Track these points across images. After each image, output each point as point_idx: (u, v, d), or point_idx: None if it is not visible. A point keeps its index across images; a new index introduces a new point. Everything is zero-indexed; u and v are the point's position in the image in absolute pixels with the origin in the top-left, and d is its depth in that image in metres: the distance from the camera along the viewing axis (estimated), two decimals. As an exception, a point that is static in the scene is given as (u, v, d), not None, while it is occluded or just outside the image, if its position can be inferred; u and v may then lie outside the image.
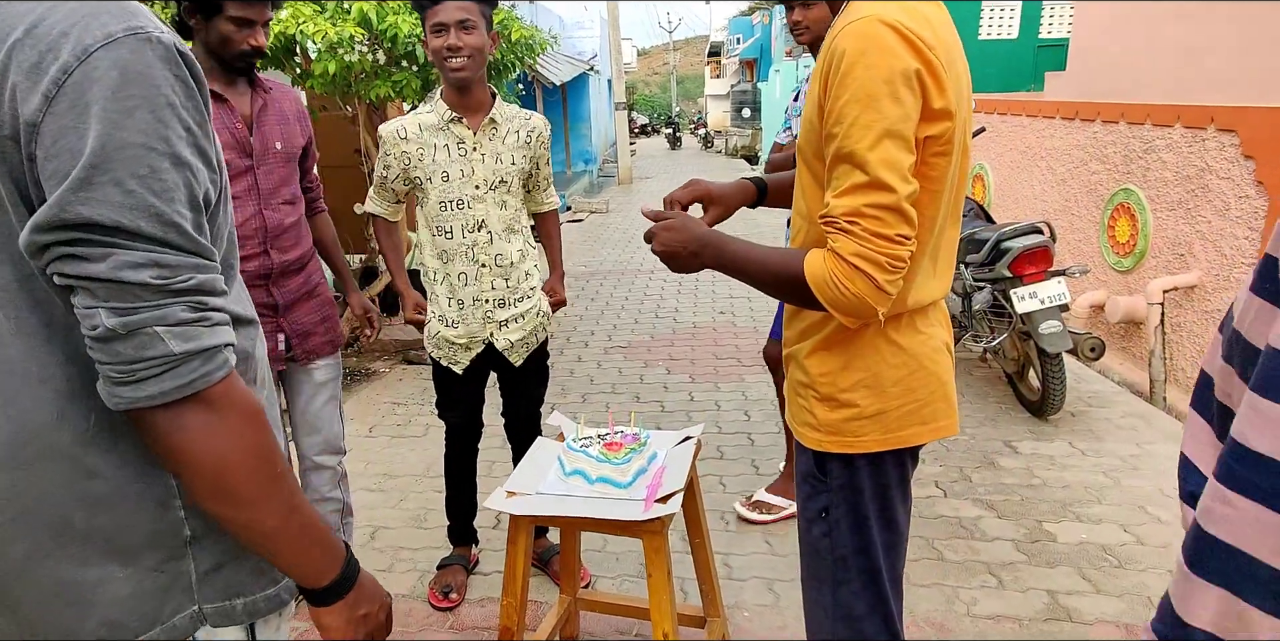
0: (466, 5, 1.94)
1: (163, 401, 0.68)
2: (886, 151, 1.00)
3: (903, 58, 1.00)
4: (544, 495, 1.60)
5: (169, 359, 0.67)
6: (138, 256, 0.65)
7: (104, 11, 0.66)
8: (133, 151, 0.65)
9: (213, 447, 0.70)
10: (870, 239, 1.00)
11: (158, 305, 0.66)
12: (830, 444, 1.21)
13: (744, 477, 3.07)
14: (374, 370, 4.61)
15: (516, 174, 2.13)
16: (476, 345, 2.20)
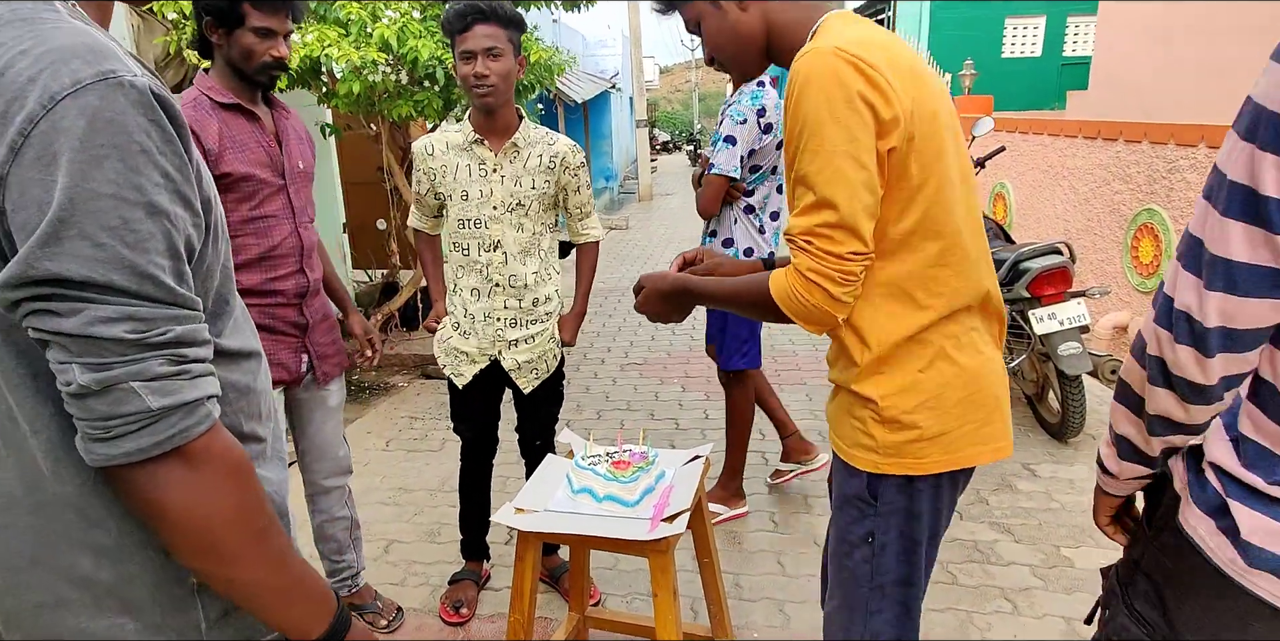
0: (495, 32, 1.96)
1: (139, 458, 0.66)
2: (834, 172, 1.07)
3: (845, 81, 1.07)
4: (552, 512, 1.61)
5: (146, 415, 0.65)
6: (110, 311, 0.64)
7: (74, 56, 0.64)
8: (102, 203, 0.63)
9: (192, 504, 0.68)
10: (823, 256, 1.09)
11: (133, 360, 0.65)
12: (889, 466, 1.20)
13: (758, 497, 3.05)
14: (392, 384, 4.66)
15: (536, 198, 2.13)
16: (482, 360, 2.22)
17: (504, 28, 1.98)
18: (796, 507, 2.97)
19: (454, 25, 1.97)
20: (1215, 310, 0.80)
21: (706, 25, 1.29)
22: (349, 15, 3.45)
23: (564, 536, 1.57)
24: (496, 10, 1.96)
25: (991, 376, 1.24)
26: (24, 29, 0.65)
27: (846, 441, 1.25)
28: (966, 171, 1.22)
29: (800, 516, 2.90)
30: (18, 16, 0.66)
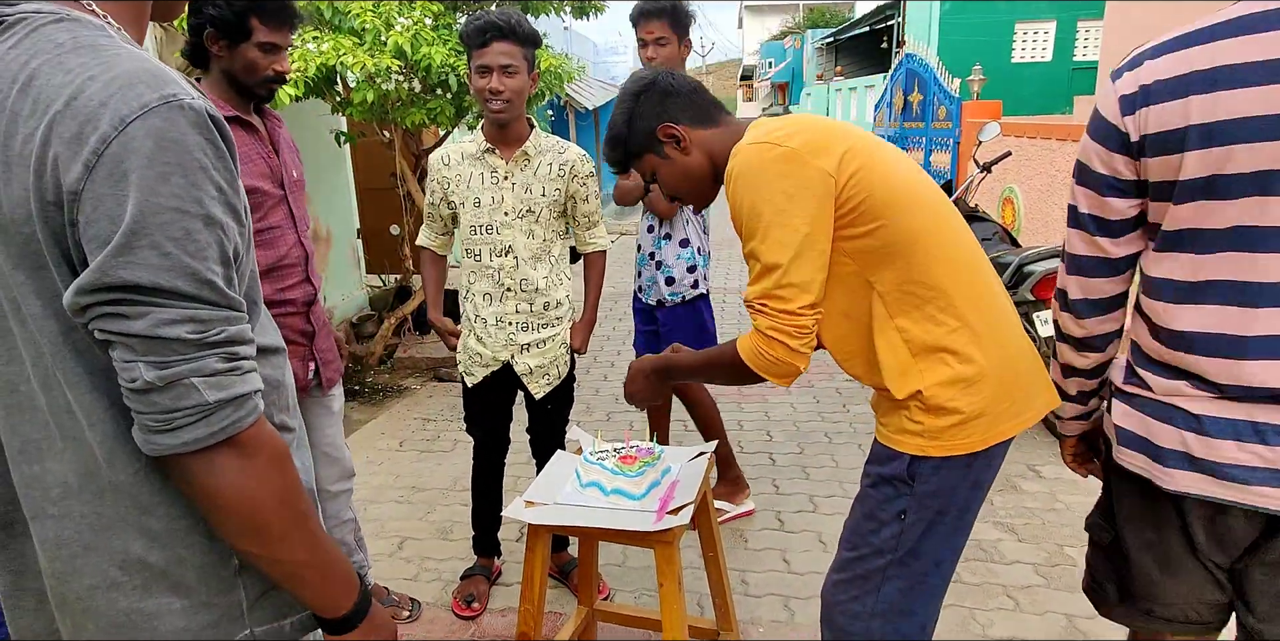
0: (511, 50, 2.02)
1: (197, 448, 0.72)
2: (774, 241, 1.23)
3: (766, 163, 1.24)
4: (561, 505, 1.67)
5: (204, 408, 0.71)
6: (174, 313, 0.70)
7: (139, 81, 0.70)
8: (168, 216, 0.69)
9: (244, 488, 0.75)
10: (777, 314, 1.25)
11: (193, 358, 0.71)
12: (933, 448, 1.29)
13: (765, 497, 3.10)
14: (405, 387, 4.73)
15: (547, 205, 2.19)
16: (494, 363, 2.27)
17: (521, 45, 2.03)
18: (802, 506, 3.01)
19: (473, 40, 2.03)
20: (1075, 286, 1.27)
21: (661, 174, 1.45)
22: (363, 24, 3.53)
23: (572, 528, 1.62)
24: (515, 29, 2.01)
25: (1021, 361, 1.32)
26: (90, 56, 0.71)
27: (891, 427, 1.34)
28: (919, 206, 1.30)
29: (806, 515, 2.94)
30: (80, 44, 0.72)
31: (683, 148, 1.40)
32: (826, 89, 15.34)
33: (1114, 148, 1.15)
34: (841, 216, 1.25)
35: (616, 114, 1.45)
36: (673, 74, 1.44)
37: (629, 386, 1.62)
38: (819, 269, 1.24)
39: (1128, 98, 1.12)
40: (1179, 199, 1.11)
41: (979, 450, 1.30)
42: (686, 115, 1.40)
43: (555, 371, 2.32)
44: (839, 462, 3.40)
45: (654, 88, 1.41)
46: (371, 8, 3.57)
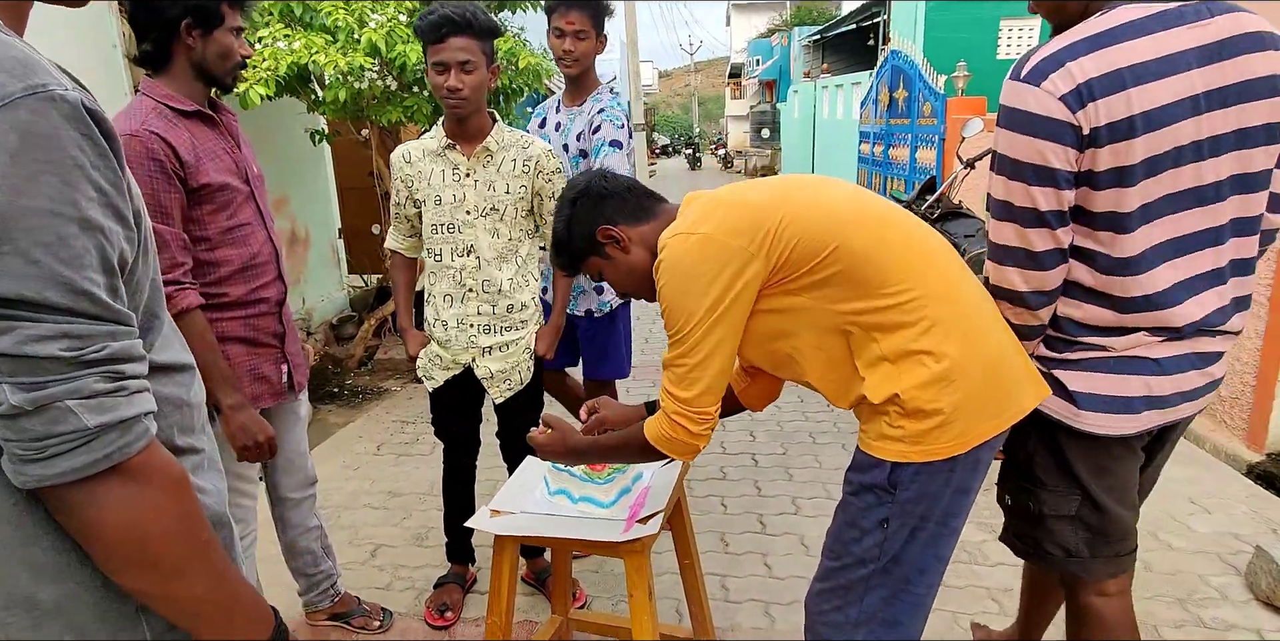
0: (469, 45, 1.95)
1: (76, 478, 0.65)
2: (689, 343, 1.30)
3: (685, 250, 1.28)
4: (528, 514, 1.61)
5: (83, 433, 0.64)
6: (45, 328, 0.62)
7: (1, 70, 0.62)
8: (37, 219, 0.61)
9: (132, 521, 0.67)
10: (682, 403, 1.34)
11: (70, 378, 0.64)
12: (915, 453, 1.27)
13: (747, 499, 3.05)
14: (385, 389, 4.66)
15: (511, 202, 2.12)
16: (455, 367, 2.21)
17: (478, 39, 1.97)
18: (784, 508, 2.97)
19: (429, 35, 1.96)
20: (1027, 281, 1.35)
21: (606, 274, 1.50)
22: (335, 22, 3.46)
23: (538, 538, 1.57)
24: (471, 22, 1.94)
25: (1000, 353, 1.30)
26: None
27: (871, 434, 1.31)
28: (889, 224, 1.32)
29: (788, 518, 2.90)
30: None
31: (623, 247, 1.45)
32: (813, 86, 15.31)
33: (1069, 143, 1.24)
34: (783, 268, 1.27)
35: (557, 221, 1.50)
36: (605, 175, 1.49)
37: (543, 457, 1.64)
38: (724, 371, 1.33)
39: (1071, 95, 1.22)
40: (1131, 181, 1.25)
41: (960, 454, 1.27)
42: (622, 215, 1.45)
43: (518, 377, 2.24)
44: (823, 463, 3.35)
45: (588, 192, 1.46)
46: (343, 5, 3.49)
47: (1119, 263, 1.30)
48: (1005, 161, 1.30)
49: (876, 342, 1.27)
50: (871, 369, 1.28)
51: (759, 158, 22.23)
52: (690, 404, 1.33)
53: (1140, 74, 1.21)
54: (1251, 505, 2.91)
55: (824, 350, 1.32)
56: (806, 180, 1.40)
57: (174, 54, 1.69)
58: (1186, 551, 2.61)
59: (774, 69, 22.61)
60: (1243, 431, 3.59)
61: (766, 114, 22.67)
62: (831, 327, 1.29)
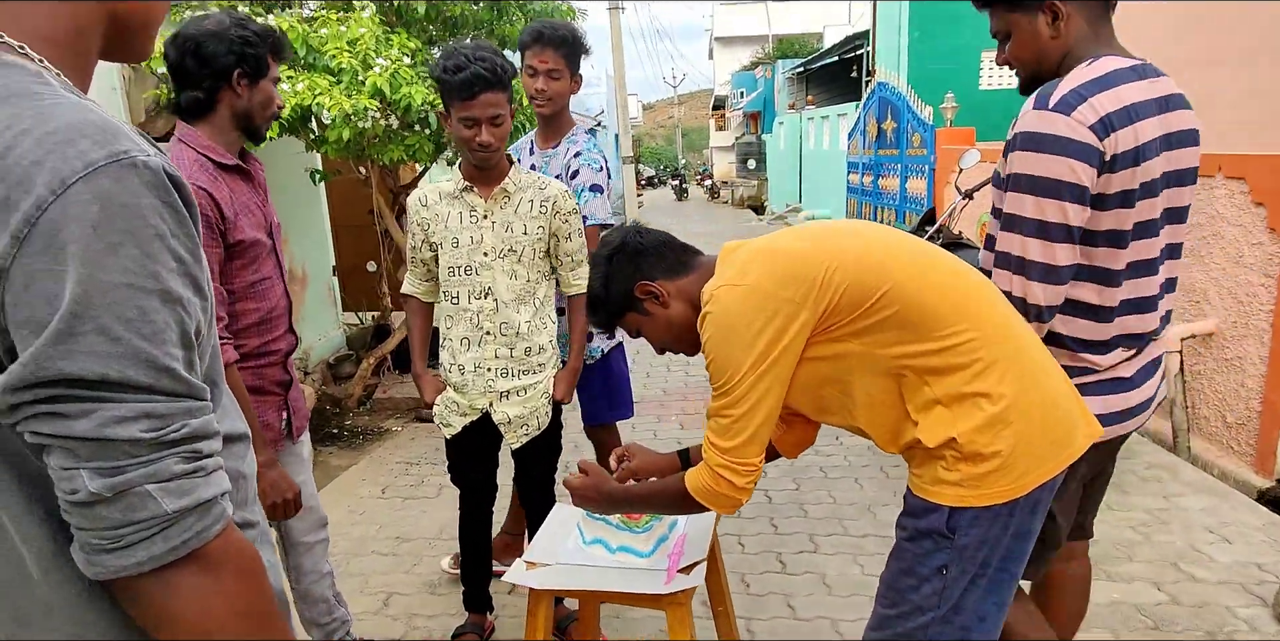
0: (499, 100, 1.93)
1: (153, 567, 0.61)
2: (735, 395, 1.29)
3: (732, 302, 1.28)
4: (564, 565, 1.57)
5: (161, 519, 0.61)
6: (126, 409, 0.59)
7: (82, 136, 0.59)
8: (119, 293, 0.59)
9: (207, 610, 0.64)
10: (726, 454, 1.32)
11: (148, 460, 0.60)
12: (973, 498, 1.24)
13: (764, 537, 3.00)
14: (386, 429, 4.60)
15: (530, 244, 2.11)
16: (473, 412, 2.17)
17: (505, 91, 1.95)
18: (803, 546, 2.92)
19: (460, 92, 1.91)
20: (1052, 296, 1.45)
21: (645, 329, 1.50)
22: (340, 65, 3.47)
23: (580, 592, 1.52)
24: (502, 77, 1.92)
25: (1055, 389, 1.30)
26: (22, 106, 0.60)
27: (925, 478, 1.29)
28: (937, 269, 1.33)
29: (808, 556, 2.85)
30: (11, 92, 0.61)
31: (662, 302, 1.44)
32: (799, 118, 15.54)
33: (1095, 164, 1.39)
34: (832, 315, 1.26)
35: (593, 278, 1.49)
36: (640, 231, 1.49)
37: (577, 503, 1.61)
38: (769, 422, 1.32)
39: (1098, 124, 1.38)
40: (1132, 203, 1.44)
41: (1020, 497, 1.25)
42: (660, 270, 1.45)
43: (535, 422, 2.20)
44: (836, 498, 3.32)
45: (625, 248, 1.46)
46: (347, 47, 3.51)
47: (1109, 275, 1.48)
48: (1036, 181, 1.42)
49: (929, 386, 1.25)
50: (924, 412, 1.26)
51: (745, 188, 22.45)
52: (735, 454, 1.31)
53: (1140, 112, 1.42)
54: (1269, 534, 2.90)
55: (874, 395, 1.30)
56: (848, 226, 1.39)
57: (219, 102, 1.70)
58: (1211, 582, 2.58)
59: (758, 101, 22.95)
60: (1251, 457, 3.59)
61: (752, 145, 22.96)
62: (882, 372, 1.28)
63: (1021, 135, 1.44)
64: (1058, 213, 1.40)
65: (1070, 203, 1.40)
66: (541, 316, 2.18)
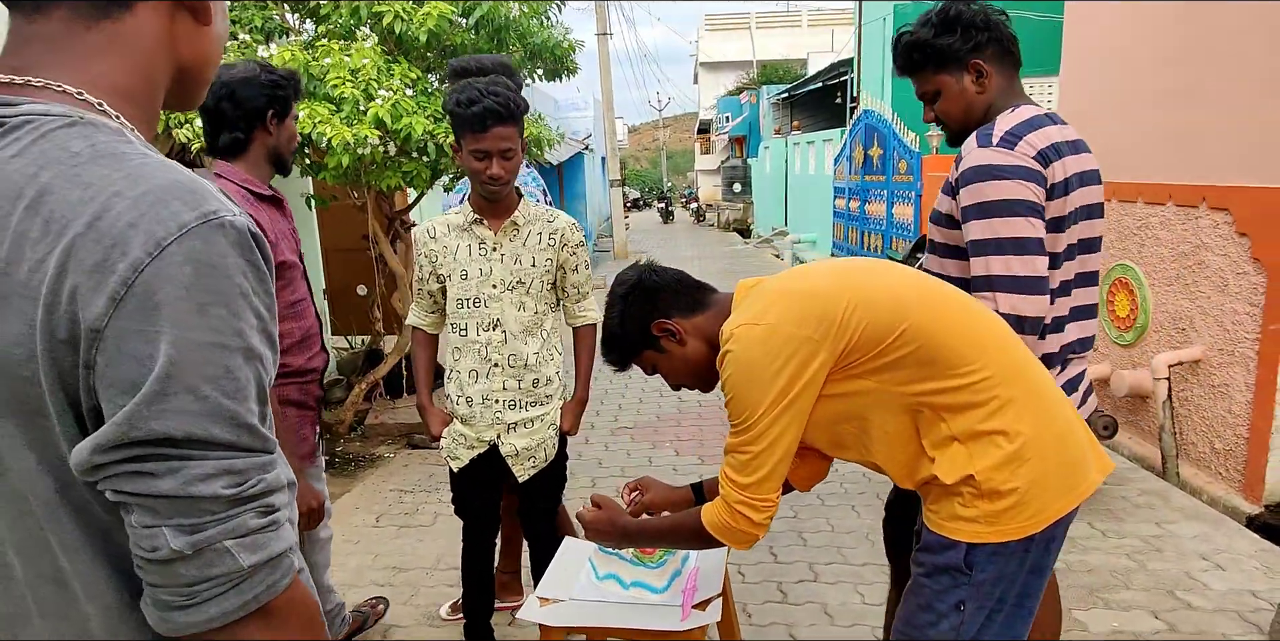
0: (510, 133, 1.95)
1: (223, 623, 0.62)
2: (754, 432, 1.29)
3: (752, 342, 1.28)
4: (577, 601, 1.57)
5: (236, 575, 0.61)
6: (210, 466, 0.60)
7: (174, 197, 0.61)
8: (206, 353, 0.60)
9: None
10: (744, 490, 1.32)
11: (227, 516, 0.61)
12: (990, 534, 1.26)
13: (764, 566, 3.00)
14: (378, 455, 4.56)
15: (538, 276, 2.13)
16: (480, 445, 2.17)
17: (516, 124, 1.97)
18: (803, 576, 2.92)
19: (472, 126, 1.92)
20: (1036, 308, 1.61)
21: (662, 367, 1.51)
22: (342, 94, 3.50)
23: (596, 629, 1.52)
24: (514, 110, 1.94)
25: (1067, 426, 1.32)
26: (112, 167, 0.62)
27: (942, 515, 1.30)
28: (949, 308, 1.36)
29: (808, 585, 2.85)
30: (100, 152, 0.62)
31: (679, 340, 1.45)
32: (785, 143, 15.73)
33: (1043, 189, 1.63)
34: (851, 354, 1.28)
35: (609, 317, 1.50)
36: (655, 270, 1.51)
37: (590, 537, 1.63)
38: (786, 459, 1.33)
39: (1038, 156, 1.63)
40: (1063, 228, 1.69)
41: (1036, 533, 1.26)
42: (676, 308, 1.46)
43: (543, 454, 2.20)
44: (834, 526, 3.33)
45: (640, 286, 1.48)
46: (349, 77, 3.54)
47: (1059, 288, 1.72)
48: (1001, 205, 1.60)
49: (946, 423, 1.27)
50: (940, 449, 1.28)
51: (731, 211, 22.63)
52: (753, 490, 1.32)
53: (1061, 151, 1.67)
54: (1262, 560, 2.93)
55: (890, 431, 1.32)
56: (863, 264, 1.42)
57: (254, 141, 1.89)
58: (1207, 610, 2.61)
59: (743, 125, 23.23)
60: (1239, 483, 3.64)
61: (738, 169, 23.20)
62: (899, 409, 1.30)
63: (973, 169, 1.63)
64: (1028, 228, 1.59)
65: (1032, 217, 1.60)
66: (548, 348, 2.19)
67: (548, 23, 4.61)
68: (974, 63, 1.77)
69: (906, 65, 1.83)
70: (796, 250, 12.52)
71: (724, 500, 1.36)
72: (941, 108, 1.81)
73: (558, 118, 15.99)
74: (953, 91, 1.79)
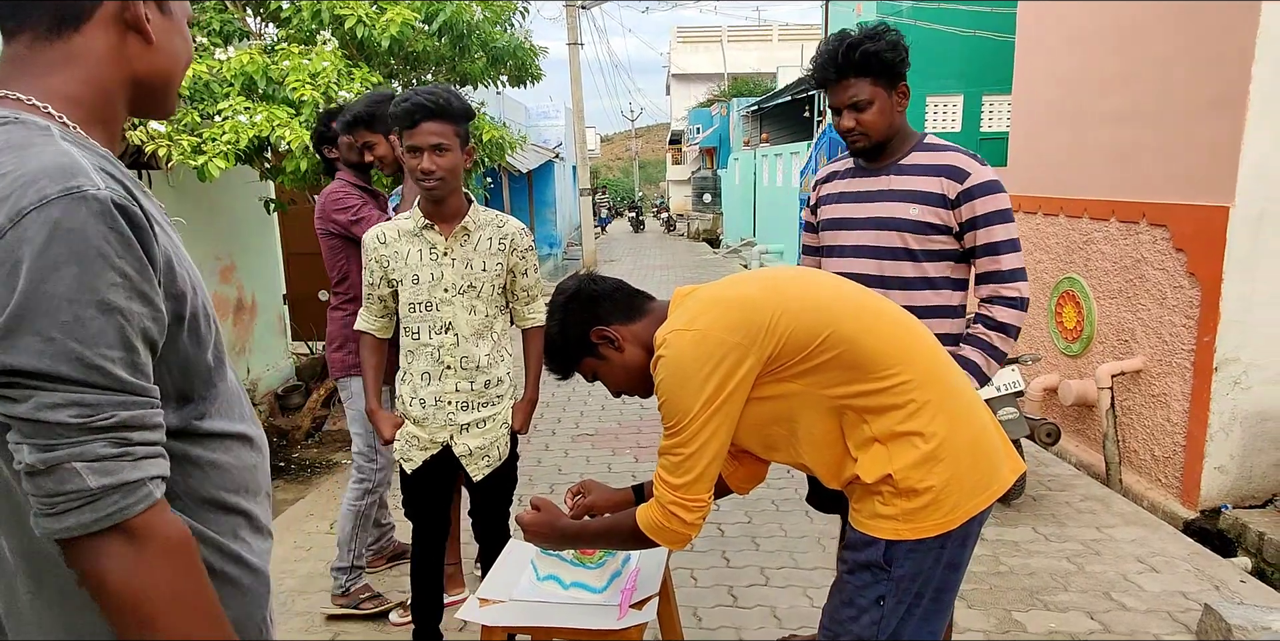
0: (442, 129, 1.98)
1: (81, 533, 0.72)
2: (685, 435, 1.34)
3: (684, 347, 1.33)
4: (518, 602, 1.59)
5: (86, 493, 0.71)
6: (57, 397, 0.71)
7: (45, 176, 0.72)
8: (56, 302, 0.70)
9: (130, 578, 0.73)
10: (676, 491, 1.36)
11: (76, 442, 0.71)
12: (907, 531, 1.31)
13: (716, 570, 3.04)
14: (335, 462, 4.52)
15: (489, 280, 2.15)
16: (434, 446, 2.19)
17: (452, 123, 2.00)
18: (754, 579, 2.96)
19: (402, 121, 1.98)
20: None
21: (601, 373, 1.54)
22: (301, 97, 3.50)
23: (533, 628, 1.54)
24: (445, 108, 1.97)
25: (981, 428, 1.38)
26: (12, 155, 0.74)
27: (864, 513, 1.36)
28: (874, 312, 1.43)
29: (758, 589, 2.89)
30: (10, 144, 0.75)
31: (618, 347, 1.49)
32: (753, 155, 15.91)
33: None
34: (778, 358, 1.33)
35: (549, 325, 1.53)
36: (594, 279, 1.54)
37: (530, 539, 1.65)
38: (717, 460, 1.36)
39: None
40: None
41: (952, 530, 1.32)
42: (615, 315, 1.49)
43: (496, 453, 2.23)
44: (788, 531, 3.37)
45: (579, 295, 1.51)
46: (309, 80, 3.54)
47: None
48: (1010, 213, 1.96)
49: (867, 424, 1.32)
50: (863, 450, 1.33)
51: (701, 221, 22.79)
52: (685, 491, 1.36)
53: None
54: (1194, 563, 3.03)
55: (816, 433, 1.37)
56: (794, 272, 1.47)
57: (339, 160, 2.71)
58: (1140, 611, 2.69)
59: (714, 137, 23.43)
60: (1176, 490, 3.76)
61: (708, 179, 23.38)
62: (825, 411, 1.35)
63: (989, 183, 1.93)
64: (1017, 230, 1.97)
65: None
66: (499, 350, 2.22)
67: (511, 29, 4.64)
68: (901, 83, 1.91)
69: (847, 66, 1.89)
70: (764, 260, 12.66)
71: (658, 501, 1.39)
72: (868, 119, 1.91)
73: (529, 126, 16.01)
74: (884, 105, 1.91)
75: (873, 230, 2.00)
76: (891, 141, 2.00)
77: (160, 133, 3.39)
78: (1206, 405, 3.56)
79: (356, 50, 4.04)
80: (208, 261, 4.74)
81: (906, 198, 1.97)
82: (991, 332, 1.96)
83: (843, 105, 1.94)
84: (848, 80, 1.90)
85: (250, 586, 0.90)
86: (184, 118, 3.50)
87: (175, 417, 0.82)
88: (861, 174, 2.08)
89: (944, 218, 1.94)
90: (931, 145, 2.02)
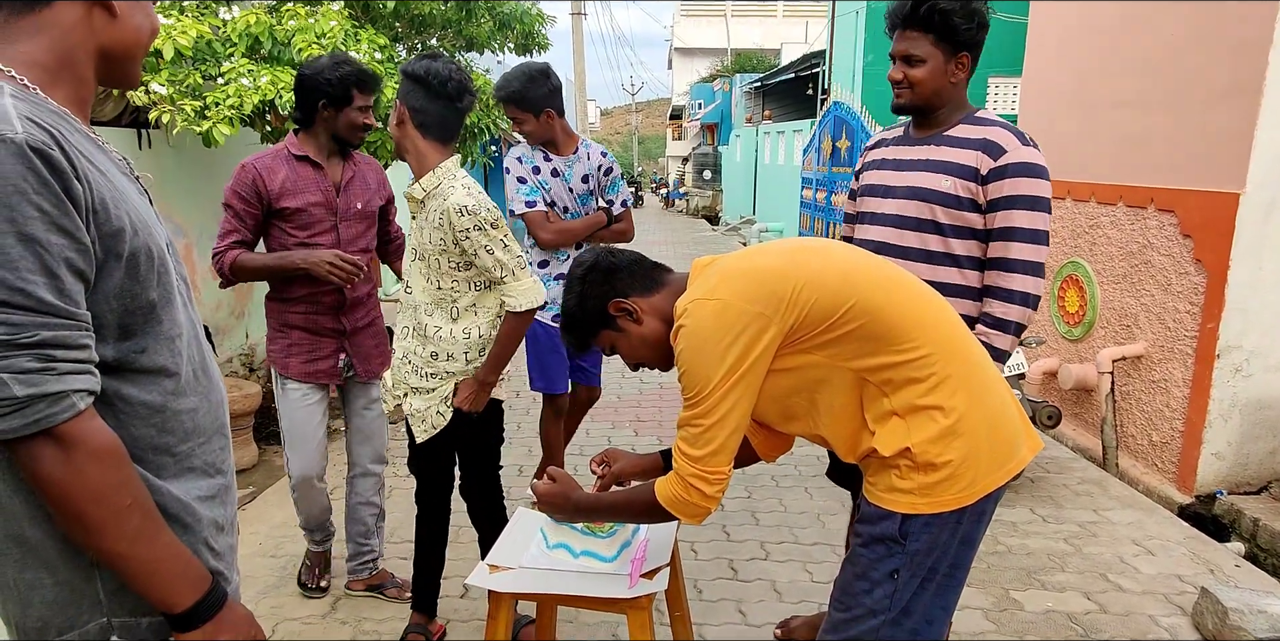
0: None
1: (14, 436, 0.81)
2: (705, 405, 1.32)
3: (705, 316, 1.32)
4: (527, 569, 1.59)
5: (14, 401, 0.80)
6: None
7: None
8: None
9: (61, 478, 0.83)
10: (697, 463, 1.35)
11: (3, 356, 0.79)
12: (925, 505, 1.31)
13: (716, 544, 3.05)
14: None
15: (434, 252, 2.03)
16: (395, 399, 2.23)
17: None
18: (754, 554, 2.98)
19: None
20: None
21: (620, 346, 1.52)
22: (307, 57, 3.42)
23: (543, 596, 1.54)
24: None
25: (1001, 405, 1.37)
26: None
27: (880, 486, 1.35)
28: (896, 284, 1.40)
29: (759, 563, 2.91)
30: None
31: (636, 319, 1.47)
32: (755, 131, 15.79)
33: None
34: (799, 329, 1.31)
35: (567, 298, 1.51)
36: (611, 251, 1.53)
37: (543, 508, 1.67)
38: (738, 432, 1.35)
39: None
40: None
41: (969, 505, 1.31)
42: (633, 287, 1.48)
43: (431, 420, 2.14)
44: (787, 507, 3.39)
45: (597, 267, 1.49)
46: (316, 40, 3.47)
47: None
48: (1045, 203, 1.87)
49: (887, 398, 1.31)
50: (881, 423, 1.32)
51: (700, 198, 22.67)
52: (705, 463, 1.35)
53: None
54: (1189, 547, 3.06)
55: (835, 405, 1.36)
56: (815, 244, 1.45)
57: (315, 121, 2.32)
58: (1136, 592, 2.72)
59: (715, 113, 23.22)
60: (1173, 475, 3.79)
61: (708, 156, 23.21)
62: (844, 384, 1.33)
63: (1025, 165, 1.84)
64: (1049, 223, 1.88)
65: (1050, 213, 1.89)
66: (460, 326, 2.09)
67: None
68: (965, 54, 1.86)
69: (914, 17, 1.85)
70: (764, 239, 12.62)
71: (677, 473, 1.38)
72: (917, 75, 1.87)
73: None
74: (937, 67, 1.86)
75: (906, 200, 1.96)
76: (941, 111, 1.94)
77: (161, 94, 3.32)
78: (1207, 392, 3.57)
79: (362, 12, 3.96)
80: (208, 222, 4.68)
81: (943, 169, 1.92)
82: (990, 331, 1.89)
83: (898, 56, 1.90)
84: (910, 31, 1.86)
85: (190, 524, 0.97)
86: (186, 79, 3.43)
87: (114, 349, 0.89)
88: (907, 142, 2.03)
89: (974, 192, 1.89)
90: (980, 119, 1.95)
